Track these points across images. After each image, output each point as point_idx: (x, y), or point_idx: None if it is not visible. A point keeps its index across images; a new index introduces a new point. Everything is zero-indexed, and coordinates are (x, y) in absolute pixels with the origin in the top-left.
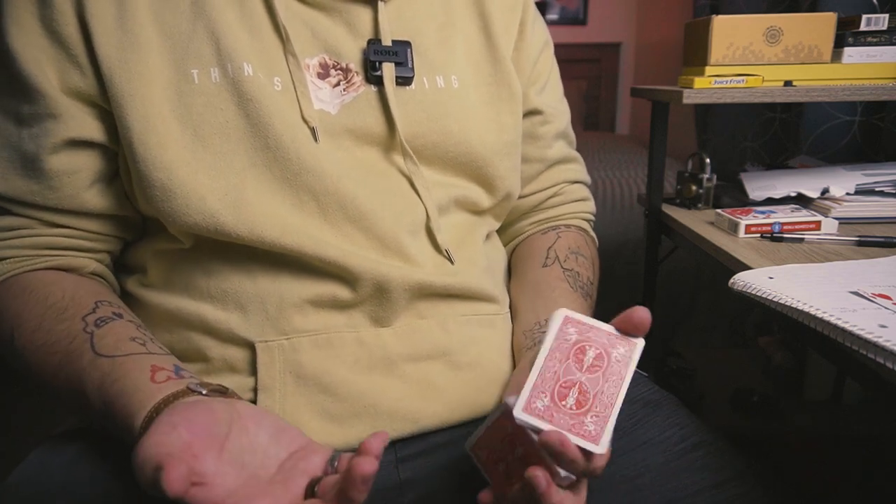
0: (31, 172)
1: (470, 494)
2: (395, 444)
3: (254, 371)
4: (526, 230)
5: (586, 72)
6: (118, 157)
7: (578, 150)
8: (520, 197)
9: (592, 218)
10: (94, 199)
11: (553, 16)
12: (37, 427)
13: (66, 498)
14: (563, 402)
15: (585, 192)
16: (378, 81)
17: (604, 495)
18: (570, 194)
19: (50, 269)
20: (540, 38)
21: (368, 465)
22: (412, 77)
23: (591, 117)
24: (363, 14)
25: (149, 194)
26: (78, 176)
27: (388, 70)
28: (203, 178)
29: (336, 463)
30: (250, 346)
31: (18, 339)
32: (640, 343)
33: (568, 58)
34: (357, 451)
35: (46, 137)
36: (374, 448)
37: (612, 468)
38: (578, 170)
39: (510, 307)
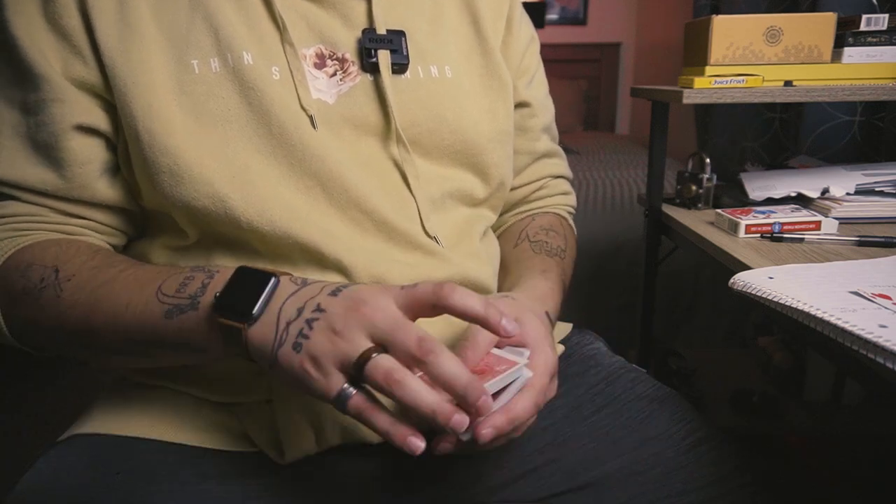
0: (44, 161)
1: (485, 482)
2: None
3: (262, 377)
4: (509, 221)
5: (586, 72)
6: (118, 150)
7: (578, 150)
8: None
9: (573, 211)
10: (105, 190)
11: (553, 16)
12: (42, 428)
13: None
14: None
15: (568, 187)
16: (374, 69)
17: (621, 487)
18: (553, 188)
19: None
20: (526, 34)
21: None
22: (407, 64)
23: (591, 117)
24: (357, 5)
25: (157, 181)
26: (90, 166)
27: (384, 57)
28: (210, 162)
29: None
30: None
31: (64, 272)
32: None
33: (568, 58)
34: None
35: (55, 124)
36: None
37: (626, 461)
38: (561, 164)
39: None
